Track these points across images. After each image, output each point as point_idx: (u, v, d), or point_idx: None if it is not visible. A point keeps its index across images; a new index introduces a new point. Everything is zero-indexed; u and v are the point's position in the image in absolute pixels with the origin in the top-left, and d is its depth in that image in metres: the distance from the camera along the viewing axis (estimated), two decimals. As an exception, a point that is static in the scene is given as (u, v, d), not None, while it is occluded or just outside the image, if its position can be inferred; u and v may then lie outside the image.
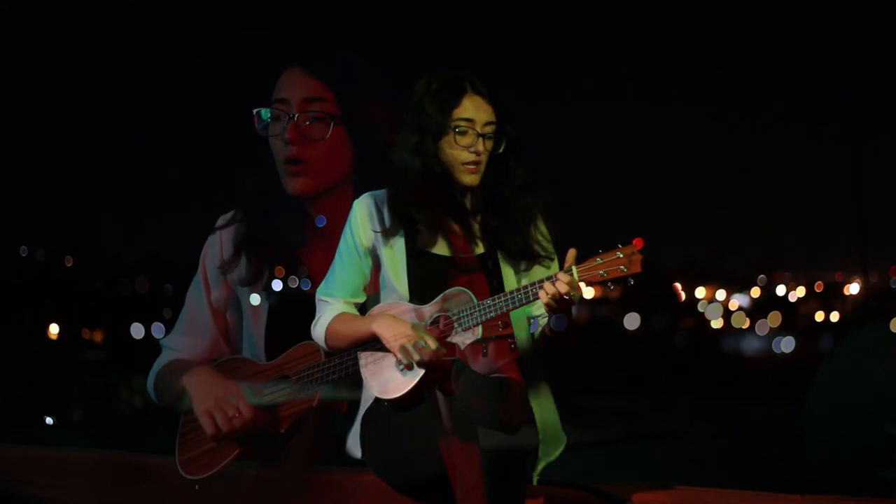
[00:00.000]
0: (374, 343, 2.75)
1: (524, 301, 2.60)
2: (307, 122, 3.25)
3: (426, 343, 2.60)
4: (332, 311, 2.85)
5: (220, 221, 3.42)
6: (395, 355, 2.67)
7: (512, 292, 2.61)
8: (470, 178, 2.76)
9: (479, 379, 2.63)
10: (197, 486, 3.17)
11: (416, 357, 2.61)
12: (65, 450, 4.18)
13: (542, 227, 2.84)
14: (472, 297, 2.65)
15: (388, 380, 2.70)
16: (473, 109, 2.74)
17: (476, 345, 2.64)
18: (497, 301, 2.62)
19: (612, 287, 2.56)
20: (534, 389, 2.76)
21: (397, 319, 2.70)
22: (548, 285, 2.54)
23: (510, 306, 2.61)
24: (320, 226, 3.32)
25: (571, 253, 2.57)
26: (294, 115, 3.24)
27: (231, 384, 3.11)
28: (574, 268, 2.54)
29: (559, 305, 2.56)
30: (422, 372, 2.64)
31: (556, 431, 2.79)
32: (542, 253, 2.81)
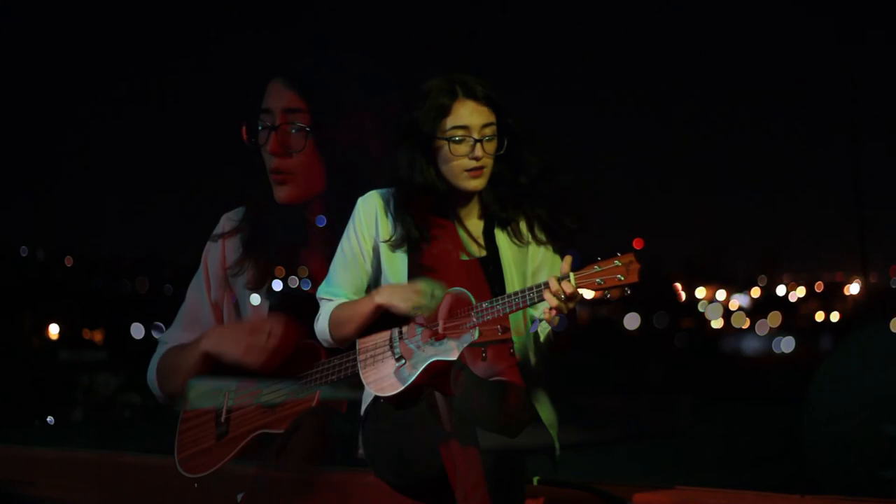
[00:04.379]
0: (373, 337, 2.75)
1: (521, 305, 2.59)
2: (288, 133, 3.26)
3: (436, 289, 2.60)
4: (332, 306, 2.85)
5: (223, 221, 3.43)
6: (407, 312, 2.64)
7: (509, 296, 2.61)
8: (475, 183, 2.73)
9: (479, 381, 2.62)
10: (196, 485, 3.17)
11: (434, 304, 2.60)
12: (65, 450, 4.18)
13: (556, 216, 2.81)
14: (472, 298, 2.64)
15: (386, 377, 2.70)
16: (467, 115, 2.69)
17: (475, 349, 2.63)
18: (495, 304, 2.61)
19: (609, 295, 2.56)
20: (535, 393, 2.76)
21: (398, 284, 2.70)
22: (546, 293, 2.54)
23: (508, 309, 2.61)
24: (321, 225, 3.32)
25: (567, 259, 2.56)
26: (276, 126, 3.25)
27: (253, 319, 3.13)
28: (571, 275, 2.54)
29: (559, 311, 2.55)
30: (420, 369, 2.64)
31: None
32: (559, 237, 2.79)
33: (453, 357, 2.62)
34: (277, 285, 3.33)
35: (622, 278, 2.51)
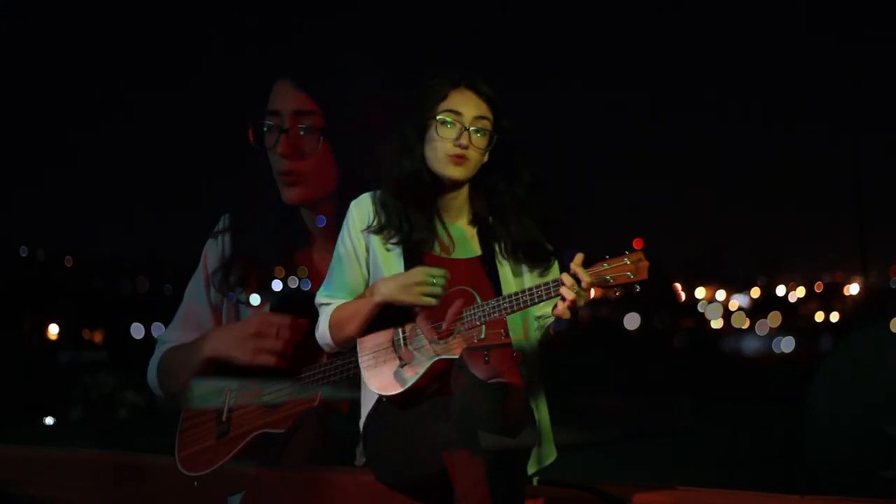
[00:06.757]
0: (373, 337, 2.75)
1: (529, 303, 2.60)
2: (299, 135, 3.24)
3: (435, 275, 2.61)
4: (331, 309, 2.84)
5: (221, 225, 3.43)
6: (414, 303, 2.64)
7: (516, 294, 2.61)
8: (455, 171, 2.73)
9: (479, 382, 2.62)
10: (196, 483, 3.17)
11: (439, 289, 2.61)
12: (65, 450, 4.18)
13: (540, 228, 2.82)
14: (477, 296, 2.65)
15: (389, 377, 2.70)
16: (462, 102, 2.72)
17: (478, 352, 2.63)
18: (502, 302, 2.61)
19: (617, 293, 2.57)
20: (533, 393, 2.76)
21: (392, 278, 2.69)
22: (562, 289, 2.54)
23: (515, 307, 2.61)
24: (320, 226, 3.32)
25: (578, 257, 2.57)
26: (286, 128, 3.23)
27: (256, 319, 3.13)
28: (584, 270, 2.55)
29: (573, 305, 2.56)
30: (422, 370, 2.64)
31: (548, 438, 2.80)
32: (543, 254, 2.80)
33: (456, 355, 2.63)
34: (277, 285, 3.32)
35: (632, 276, 2.54)
